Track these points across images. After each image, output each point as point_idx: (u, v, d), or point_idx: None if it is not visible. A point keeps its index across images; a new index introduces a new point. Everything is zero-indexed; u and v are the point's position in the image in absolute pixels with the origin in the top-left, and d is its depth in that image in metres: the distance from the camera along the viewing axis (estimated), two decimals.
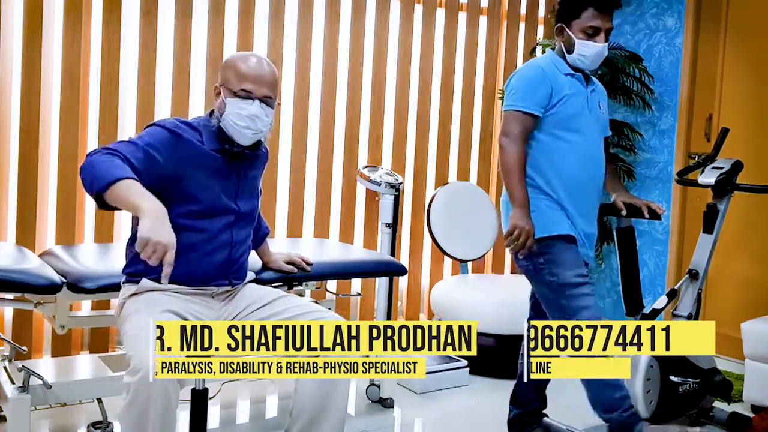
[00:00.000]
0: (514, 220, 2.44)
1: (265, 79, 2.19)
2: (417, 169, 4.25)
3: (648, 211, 2.69)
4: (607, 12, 2.55)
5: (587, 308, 2.46)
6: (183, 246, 2.13)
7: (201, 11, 3.54)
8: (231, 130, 2.19)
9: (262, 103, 2.18)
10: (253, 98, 2.17)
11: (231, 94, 2.18)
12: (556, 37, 2.63)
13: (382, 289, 3.41)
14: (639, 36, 4.51)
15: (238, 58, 2.22)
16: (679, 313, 3.00)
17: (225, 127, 2.19)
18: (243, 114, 2.16)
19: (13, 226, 3.19)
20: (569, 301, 2.48)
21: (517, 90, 2.54)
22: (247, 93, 2.17)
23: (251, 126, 2.18)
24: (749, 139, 3.98)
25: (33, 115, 3.16)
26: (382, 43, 4.05)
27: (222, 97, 2.20)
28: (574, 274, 2.48)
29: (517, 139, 2.49)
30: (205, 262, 2.20)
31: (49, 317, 2.54)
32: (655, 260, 4.40)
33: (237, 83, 2.17)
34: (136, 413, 1.81)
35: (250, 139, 2.21)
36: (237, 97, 2.17)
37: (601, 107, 2.67)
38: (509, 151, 2.49)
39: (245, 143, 2.22)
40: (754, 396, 3.19)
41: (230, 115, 2.17)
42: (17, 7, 3.15)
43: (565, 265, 2.49)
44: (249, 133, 2.19)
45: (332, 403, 2.13)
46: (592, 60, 2.57)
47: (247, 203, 2.30)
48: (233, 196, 2.25)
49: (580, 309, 2.46)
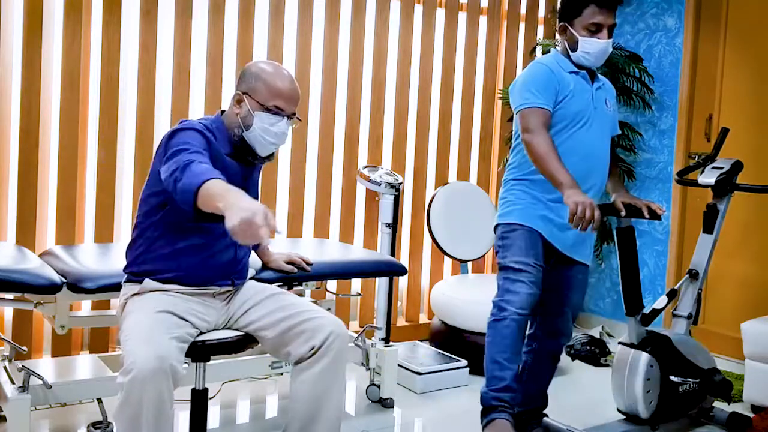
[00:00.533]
0: (572, 198, 2.32)
1: (295, 98, 2.24)
2: (417, 169, 4.25)
3: (648, 211, 2.70)
4: (609, 8, 2.55)
5: (515, 293, 2.51)
6: (190, 247, 2.16)
7: (201, 11, 3.53)
8: (256, 142, 2.22)
9: (289, 120, 2.24)
10: (282, 115, 2.21)
11: (260, 107, 2.19)
12: (560, 35, 2.64)
13: (382, 289, 3.41)
14: (639, 36, 4.51)
15: (271, 73, 2.21)
16: (679, 313, 3.00)
17: (249, 138, 2.21)
18: (273, 130, 2.20)
19: (13, 226, 3.19)
20: (504, 282, 2.56)
21: (528, 88, 2.54)
22: (279, 110, 2.20)
23: (277, 142, 2.23)
24: (749, 139, 3.98)
25: (33, 115, 3.16)
26: (382, 43, 4.05)
27: (248, 107, 2.19)
28: (516, 260, 2.54)
29: (539, 129, 2.48)
30: (211, 263, 2.21)
31: (49, 317, 2.54)
32: (655, 260, 4.40)
33: (269, 98, 2.19)
34: (129, 413, 1.81)
35: (270, 151, 2.27)
36: (268, 112, 2.19)
37: (608, 104, 2.67)
38: (536, 141, 2.47)
39: (265, 155, 2.27)
40: (754, 396, 3.19)
41: (258, 129, 2.19)
42: (17, 7, 3.15)
43: (513, 250, 2.55)
44: (273, 148, 2.25)
45: (328, 403, 2.13)
46: (596, 57, 2.57)
47: None
48: None
49: (508, 292, 2.53)
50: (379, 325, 3.32)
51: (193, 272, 2.18)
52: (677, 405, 2.85)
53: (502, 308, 2.51)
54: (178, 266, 2.17)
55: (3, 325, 3.21)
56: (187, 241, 2.17)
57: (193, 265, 2.15)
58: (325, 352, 2.12)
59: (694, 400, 2.90)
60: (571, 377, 3.72)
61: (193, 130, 2.14)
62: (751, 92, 4.02)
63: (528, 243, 2.56)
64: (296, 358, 2.14)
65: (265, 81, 2.20)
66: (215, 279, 2.23)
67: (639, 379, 2.75)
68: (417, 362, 3.48)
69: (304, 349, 2.13)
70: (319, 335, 2.13)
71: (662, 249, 4.36)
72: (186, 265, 2.16)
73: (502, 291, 2.55)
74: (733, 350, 3.87)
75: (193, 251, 2.17)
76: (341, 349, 2.15)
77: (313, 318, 2.17)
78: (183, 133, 2.12)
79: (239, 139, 2.22)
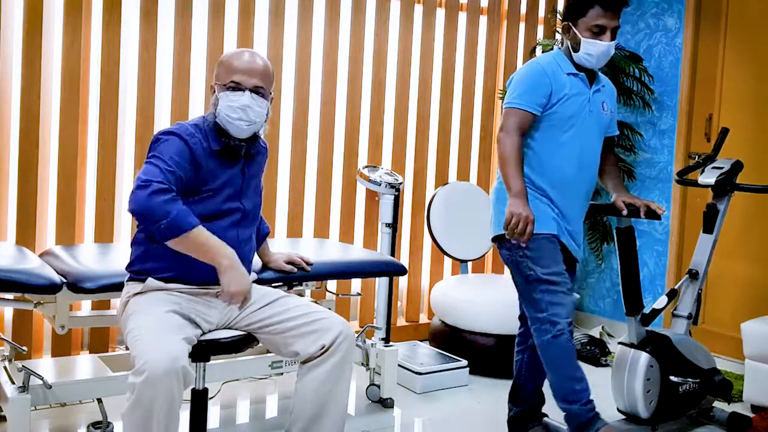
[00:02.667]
0: (511, 208, 2.45)
1: (255, 70, 2.21)
2: (417, 169, 4.24)
3: (648, 211, 2.70)
4: (614, 10, 2.55)
5: (561, 305, 2.50)
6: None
7: (201, 11, 3.53)
8: (226, 123, 2.20)
9: (253, 93, 2.20)
10: (243, 89, 2.19)
11: (222, 88, 2.21)
12: (563, 35, 2.64)
13: (382, 289, 3.41)
14: (639, 36, 4.51)
15: (228, 54, 2.26)
16: (679, 313, 3.00)
17: (221, 122, 2.21)
18: (235, 105, 2.17)
19: (13, 226, 3.19)
20: (543, 296, 2.52)
21: (517, 88, 2.58)
22: (237, 84, 2.19)
23: (244, 117, 2.19)
24: (749, 139, 3.98)
25: (33, 115, 3.16)
26: (382, 43, 4.05)
27: (216, 93, 2.23)
28: (551, 271, 2.52)
29: (513, 131, 2.53)
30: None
31: (49, 317, 2.54)
32: (655, 260, 4.40)
33: (227, 76, 2.20)
34: (140, 413, 1.81)
35: (246, 131, 2.22)
36: (228, 90, 2.19)
37: (605, 108, 2.67)
38: (505, 142, 2.53)
39: (242, 136, 2.23)
40: (754, 396, 3.19)
41: (223, 108, 2.19)
42: (17, 7, 3.15)
43: (544, 262, 2.53)
44: (243, 125, 2.20)
45: (333, 404, 2.14)
46: (598, 59, 2.57)
47: (251, 201, 2.33)
48: (239, 194, 2.27)
49: (553, 305, 2.50)
50: (379, 325, 3.32)
51: (195, 271, 2.17)
52: (677, 405, 2.85)
53: (555, 323, 2.49)
54: (179, 265, 2.16)
55: (3, 325, 3.21)
56: None
57: (194, 264, 2.15)
58: (334, 352, 2.13)
59: (694, 400, 2.90)
60: None
61: (175, 137, 2.15)
62: (751, 92, 4.02)
63: (552, 251, 2.56)
64: (305, 357, 2.15)
65: (223, 63, 2.24)
66: (217, 278, 2.23)
67: (639, 379, 2.75)
68: (417, 362, 3.48)
69: (314, 348, 2.13)
70: (328, 335, 2.14)
71: (662, 249, 4.36)
72: (188, 263, 2.16)
73: (546, 305, 2.51)
74: (733, 350, 3.87)
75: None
76: (349, 349, 2.17)
77: (322, 318, 2.18)
78: (162, 145, 2.14)
79: (215, 125, 2.22)
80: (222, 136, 2.22)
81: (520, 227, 2.43)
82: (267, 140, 2.65)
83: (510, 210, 2.45)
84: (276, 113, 3.73)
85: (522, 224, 2.43)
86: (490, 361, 3.63)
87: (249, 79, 2.20)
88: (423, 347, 3.79)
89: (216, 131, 2.23)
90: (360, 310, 4.12)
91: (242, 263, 2.25)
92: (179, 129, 2.19)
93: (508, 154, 2.51)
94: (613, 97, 2.75)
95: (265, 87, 2.24)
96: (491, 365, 3.63)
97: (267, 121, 2.30)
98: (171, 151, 2.12)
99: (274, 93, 3.66)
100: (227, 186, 2.23)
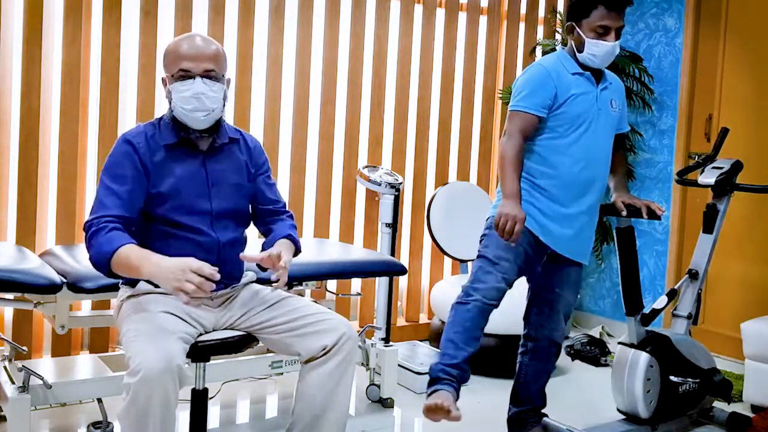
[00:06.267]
0: (501, 208, 2.47)
1: (202, 54, 2.07)
2: (417, 169, 4.24)
3: (648, 211, 2.70)
4: (618, 10, 2.55)
5: (485, 283, 2.52)
6: (166, 252, 2.08)
7: (201, 11, 3.53)
8: (182, 116, 2.09)
9: (205, 78, 2.06)
10: (193, 76, 2.05)
11: (172, 79, 2.08)
12: (567, 35, 2.64)
13: (382, 289, 3.41)
14: (639, 36, 4.51)
15: (173, 42, 2.12)
16: (679, 313, 3.00)
17: (178, 115, 2.10)
18: (187, 95, 2.05)
19: (13, 226, 3.19)
20: (477, 271, 2.56)
21: (522, 90, 2.58)
22: (186, 72, 2.05)
23: (199, 107, 2.06)
24: (749, 139, 3.98)
25: (33, 115, 3.16)
26: (382, 43, 4.05)
27: (167, 86, 2.11)
28: (497, 254, 2.54)
29: (515, 134, 2.54)
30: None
31: (49, 317, 2.54)
32: (655, 260, 4.40)
33: (174, 65, 2.07)
34: (136, 414, 1.81)
35: (204, 121, 2.10)
36: (178, 80, 2.07)
37: (613, 105, 2.68)
38: (506, 146, 2.54)
39: (202, 127, 2.11)
40: (754, 396, 3.19)
41: (177, 101, 2.07)
42: (17, 7, 3.15)
43: (496, 244, 2.55)
44: (200, 115, 2.08)
45: (334, 404, 2.13)
46: (603, 59, 2.57)
47: (225, 201, 2.20)
48: (206, 194, 2.17)
49: (479, 281, 2.54)
50: (379, 325, 3.32)
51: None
52: (677, 405, 2.85)
53: (469, 294, 2.52)
54: None
55: (3, 325, 3.21)
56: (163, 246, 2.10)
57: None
58: (337, 353, 2.12)
59: (694, 400, 2.91)
60: (571, 377, 3.72)
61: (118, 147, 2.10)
62: (751, 92, 4.02)
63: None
64: (307, 357, 2.14)
65: (169, 52, 2.10)
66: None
67: (639, 379, 2.75)
68: (417, 362, 3.48)
69: (316, 349, 2.12)
70: (331, 336, 2.12)
71: (662, 249, 4.36)
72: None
73: (473, 278, 2.57)
74: (733, 350, 3.88)
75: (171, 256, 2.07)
76: (352, 350, 2.15)
77: (325, 319, 2.17)
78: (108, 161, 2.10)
79: (172, 120, 2.12)
80: (181, 129, 2.12)
81: (508, 226, 2.44)
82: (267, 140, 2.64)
83: (500, 210, 2.47)
84: (276, 113, 3.73)
85: (510, 224, 2.43)
86: (490, 361, 3.63)
87: (197, 65, 2.05)
88: (423, 347, 3.79)
89: (173, 125, 2.13)
90: (360, 310, 4.12)
91: (224, 266, 2.15)
92: (129, 132, 2.14)
93: (508, 156, 2.52)
94: (621, 94, 2.75)
95: (216, 70, 2.09)
96: (492, 365, 3.63)
97: (224, 106, 2.16)
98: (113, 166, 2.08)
99: (274, 93, 3.72)
100: (185, 183, 2.13)
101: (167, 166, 2.12)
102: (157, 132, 2.14)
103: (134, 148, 2.09)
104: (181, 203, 2.13)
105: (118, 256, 1.96)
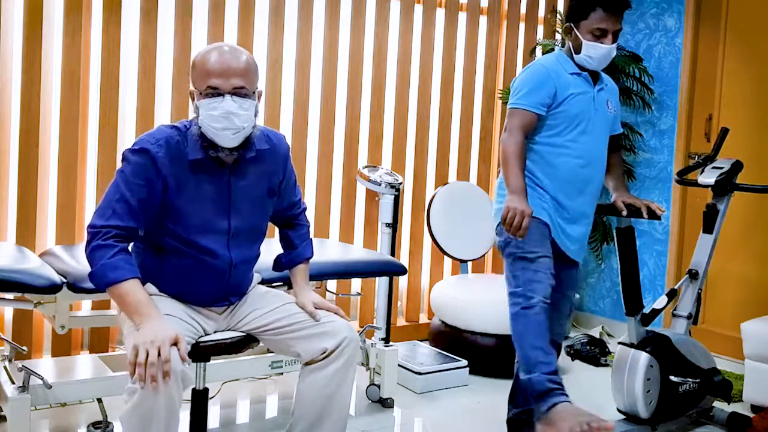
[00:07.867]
0: (509, 203, 2.45)
1: (232, 70, 1.96)
2: (417, 169, 4.24)
3: (648, 211, 2.70)
4: (616, 13, 2.55)
5: (538, 282, 2.49)
6: (174, 269, 2.08)
7: (201, 11, 3.53)
8: (212, 134, 1.99)
9: (234, 96, 1.97)
10: (222, 94, 1.96)
11: (200, 96, 1.99)
12: (565, 36, 2.64)
13: (382, 289, 3.41)
14: (639, 36, 4.51)
15: (201, 55, 2.01)
16: (679, 313, 3.00)
17: (206, 132, 2.00)
18: (216, 114, 1.96)
19: (13, 226, 3.19)
20: (523, 273, 2.52)
21: (521, 88, 2.58)
22: (215, 90, 1.96)
23: (229, 126, 1.97)
24: (749, 139, 3.99)
25: (33, 115, 3.15)
26: (382, 43, 4.05)
27: (196, 102, 2.02)
28: (534, 251, 2.52)
29: (516, 131, 2.53)
30: (199, 286, 2.12)
31: (49, 317, 2.54)
32: (655, 260, 4.40)
33: (202, 82, 1.98)
34: (140, 418, 1.80)
35: (234, 139, 2.00)
36: (206, 97, 1.98)
37: (610, 106, 2.68)
38: (507, 142, 2.53)
39: (231, 145, 2.02)
40: (754, 396, 3.19)
41: (205, 118, 1.98)
42: (17, 7, 3.15)
43: (529, 242, 2.52)
44: (229, 134, 1.98)
45: (335, 405, 2.13)
46: (599, 61, 2.58)
47: (246, 220, 2.15)
48: (225, 212, 2.10)
49: (530, 282, 2.50)
50: (379, 325, 3.32)
51: (181, 294, 2.12)
52: (677, 405, 2.85)
53: (529, 297, 2.47)
54: (173, 285, 2.10)
55: (3, 325, 3.21)
56: (172, 264, 2.08)
57: (179, 287, 2.10)
58: (338, 356, 2.11)
59: (694, 400, 2.91)
60: (571, 377, 3.72)
61: (136, 156, 1.99)
62: (751, 92, 4.02)
63: (540, 234, 2.56)
64: (307, 359, 2.13)
65: (196, 66, 2.00)
66: (207, 303, 2.16)
67: (639, 379, 2.75)
68: (417, 362, 3.48)
69: (316, 351, 2.11)
70: (333, 338, 2.11)
71: (662, 249, 4.36)
72: (173, 285, 2.10)
73: (523, 281, 2.50)
74: (733, 350, 3.88)
75: (179, 273, 2.09)
76: (353, 354, 2.14)
77: (327, 322, 2.16)
78: (123, 168, 2.01)
79: (200, 136, 2.01)
80: (209, 147, 2.02)
81: (516, 221, 2.43)
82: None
83: (507, 205, 2.46)
84: (276, 113, 3.73)
85: (518, 218, 2.43)
86: (490, 361, 3.63)
87: (226, 82, 1.96)
88: (423, 347, 3.79)
89: (201, 140, 2.02)
90: (360, 310, 4.12)
91: (234, 287, 2.16)
92: (147, 139, 2.02)
93: (510, 152, 2.51)
94: (615, 95, 2.76)
95: (247, 86, 1.99)
96: (491, 365, 3.63)
97: (255, 123, 2.06)
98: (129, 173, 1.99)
99: (274, 93, 3.72)
100: (205, 201, 2.06)
101: (188, 181, 2.04)
102: (182, 141, 2.04)
103: (153, 159, 2.00)
104: (198, 222, 2.07)
105: (118, 289, 1.92)
